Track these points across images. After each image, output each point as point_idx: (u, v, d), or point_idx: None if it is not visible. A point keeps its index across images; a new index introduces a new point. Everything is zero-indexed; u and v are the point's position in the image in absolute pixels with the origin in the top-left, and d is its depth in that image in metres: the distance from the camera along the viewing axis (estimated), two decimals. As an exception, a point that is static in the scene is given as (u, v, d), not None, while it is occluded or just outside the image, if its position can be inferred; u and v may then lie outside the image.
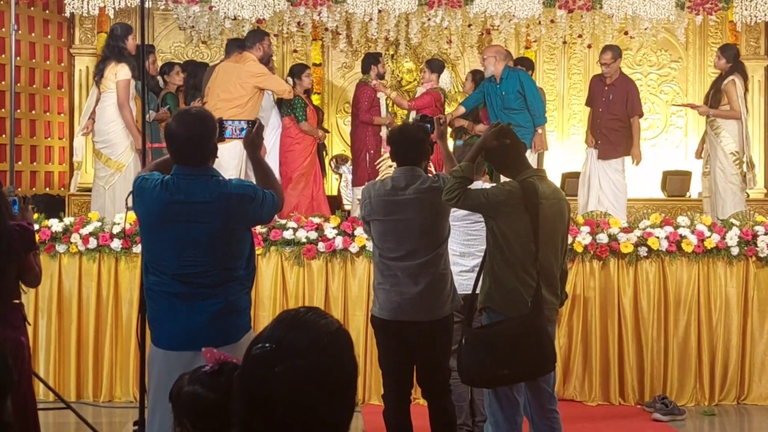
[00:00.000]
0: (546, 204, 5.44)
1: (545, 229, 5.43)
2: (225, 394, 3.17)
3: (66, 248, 8.18)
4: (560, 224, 5.56)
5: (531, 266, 5.42)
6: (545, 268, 5.46)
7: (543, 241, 5.42)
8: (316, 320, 2.05)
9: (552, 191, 5.57)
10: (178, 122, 4.81)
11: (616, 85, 10.52)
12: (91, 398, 8.20)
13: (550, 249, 5.48)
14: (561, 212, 5.57)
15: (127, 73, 9.29)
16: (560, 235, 5.58)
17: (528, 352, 5.31)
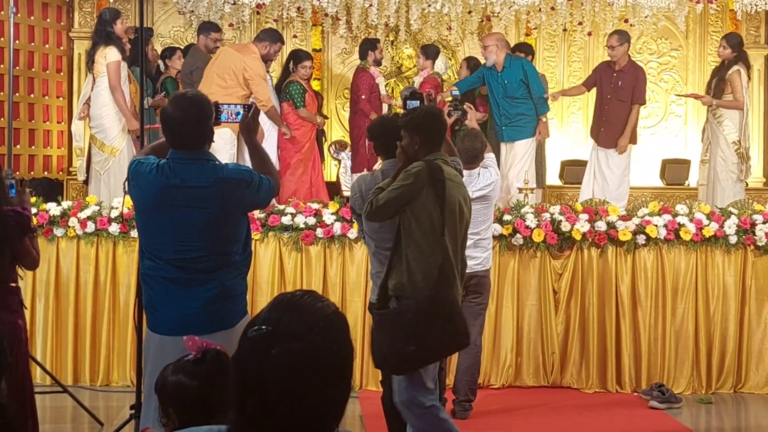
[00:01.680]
0: (450, 185, 5.42)
1: (451, 208, 5.41)
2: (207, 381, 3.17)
3: (64, 232, 8.17)
4: (465, 209, 5.53)
5: (439, 242, 5.38)
6: (451, 249, 5.43)
7: (449, 220, 5.41)
8: (312, 303, 2.05)
9: (455, 175, 5.56)
10: (175, 106, 4.79)
11: (625, 71, 10.43)
12: (88, 382, 8.21)
13: (457, 230, 5.47)
14: (465, 197, 5.56)
15: (115, 54, 9.29)
16: (464, 220, 5.54)
17: (437, 326, 5.24)
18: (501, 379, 8.23)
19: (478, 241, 7.14)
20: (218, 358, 3.25)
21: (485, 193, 7.15)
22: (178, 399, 3.27)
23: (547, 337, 8.25)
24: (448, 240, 5.40)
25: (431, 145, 5.54)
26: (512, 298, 8.23)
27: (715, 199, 10.07)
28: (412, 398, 5.45)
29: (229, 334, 4.50)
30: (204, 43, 10.51)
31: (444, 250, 5.38)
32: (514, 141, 10.23)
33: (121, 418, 6.82)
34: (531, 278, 8.24)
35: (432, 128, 5.58)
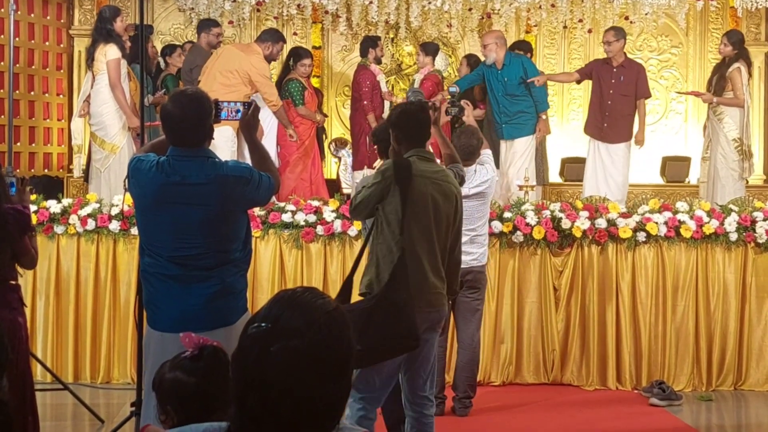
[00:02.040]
0: (422, 182, 5.34)
1: (421, 205, 5.34)
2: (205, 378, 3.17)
3: (64, 229, 8.17)
4: (444, 205, 5.41)
5: (398, 242, 5.32)
6: (423, 247, 5.35)
7: (419, 217, 5.33)
8: (312, 300, 2.04)
9: (434, 172, 5.45)
10: (174, 103, 4.78)
11: (625, 66, 10.41)
12: (89, 380, 8.21)
13: (430, 228, 5.37)
14: (444, 193, 5.42)
15: (116, 52, 9.29)
16: (444, 217, 5.41)
17: (381, 327, 5.12)
18: (501, 376, 8.24)
19: (474, 237, 7.16)
20: (215, 355, 3.25)
21: (482, 189, 7.15)
22: (176, 396, 3.27)
23: (547, 335, 8.25)
24: (417, 238, 5.33)
25: (409, 142, 5.51)
26: (512, 296, 8.23)
27: (715, 197, 10.07)
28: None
29: (229, 331, 4.50)
30: (206, 40, 10.50)
31: (401, 250, 5.29)
32: (514, 139, 10.24)
33: (122, 415, 6.82)
34: (531, 275, 8.24)
35: (406, 125, 5.53)
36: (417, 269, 5.32)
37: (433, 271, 5.39)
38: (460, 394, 7.40)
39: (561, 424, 7.35)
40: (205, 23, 10.73)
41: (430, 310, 5.40)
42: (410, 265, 5.29)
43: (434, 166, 5.52)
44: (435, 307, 5.43)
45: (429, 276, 5.37)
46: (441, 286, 5.45)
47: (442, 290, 5.46)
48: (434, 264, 5.40)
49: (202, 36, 10.57)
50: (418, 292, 5.29)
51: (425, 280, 5.35)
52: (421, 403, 5.50)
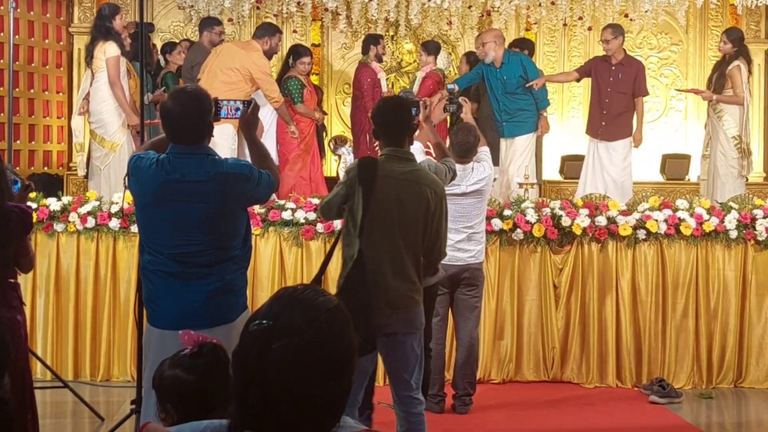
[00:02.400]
0: (387, 182, 5.28)
1: (384, 207, 5.27)
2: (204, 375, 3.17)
3: (64, 227, 8.16)
4: (412, 206, 5.31)
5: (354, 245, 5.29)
6: (385, 249, 5.29)
7: (381, 220, 5.26)
8: (313, 297, 2.04)
9: (405, 172, 5.34)
10: (174, 100, 4.79)
11: (624, 64, 10.35)
12: (89, 377, 8.21)
13: (393, 230, 5.30)
14: (413, 194, 5.32)
15: (115, 50, 9.28)
16: (412, 218, 5.31)
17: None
18: (501, 374, 8.24)
19: (472, 234, 7.17)
20: (215, 352, 3.25)
21: (479, 187, 7.15)
22: (176, 393, 3.27)
23: (547, 332, 8.25)
24: (379, 240, 5.27)
25: (386, 138, 5.47)
26: (512, 293, 8.23)
27: (715, 194, 10.06)
28: None
29: (229, 328, 4.51)
30: (209, 38, 10.49)
31: (358, 252, 5.24)
32: (515, 137, 10.23)
33: (122, 413, 6.83)
34: (531, 273, 8.24)
35: (383, 120, 5.49)
36: (377, 271, 5.25)
37: (395, 273, 5.30)
38: (459, 392, 7.40)
39: (561, 422, 7.35)
40: (207, 21, 10.73)
41: (393, 312, 5.31)
42: (370, 267, 5.22)
43: (407, 165, 5.40)
44: (399, 308, 5.31)
45: (390, 278, 5.28)
46: (407, 287, 5.34)
47: (408, 292, 5.35)
48: (398, 266, 5.30)
49: (205, 34, 10.57)
50: (378, 294, 5.21)
51: (385, 282, 5.25)
52: (407, 403, 5.46)
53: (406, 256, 5.32)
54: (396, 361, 5.44)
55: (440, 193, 5.45)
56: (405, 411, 5.48)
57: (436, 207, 5.38)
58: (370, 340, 5.14)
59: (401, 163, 5.39)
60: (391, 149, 5.44)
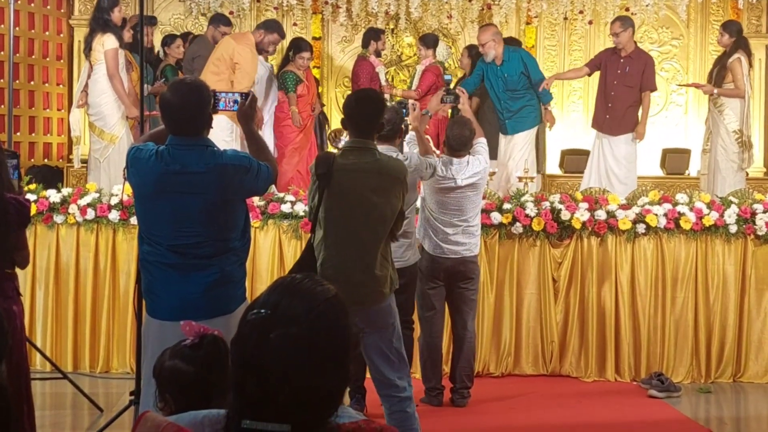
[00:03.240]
0: (345, 175, 5.29)
1: (341, 200, 5.30)
2: (204, 366, 3.17)
3: (64, 219, 8.17)
4: (374, 197, 5.29)
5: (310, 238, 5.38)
6: (347, 242, 5.31)
7: (341, 213, 5.30)
8: (312, 287, 2.04)
9: (365, 163, 5.33)
10: (174, 92, 4.79)
11: (632, 57, 10.24)
12: (88, 369, 8.21)
13: (354, 222, 5.31)
14: (375, 186, 5.31)
15: (113, 42, 9.28)
16: (377, 210, 5.31)
17: None
18: (500, 368, 8.24)
19: (466, 227, 7.18)
20: (215, 343, 3.25)
21: (474, 181, 7.15)
22: (175, 384, 3.27)
23: (546, 326, 8.25)
24: (339, 233, 5.30)
25: (352, 130, 5.50)
26: (512, 287, 8.23)
27: (715, 189, 10.05)
28: None
29: (228, 319, 4.51)
30: (212, 34, 10.53)
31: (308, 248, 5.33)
32: (514, 134, 10.18)
33: (121, 404, 6.83)
34: (530, 267, 8.24)
35: (349, 112, 5.50)
36: (338, 265, 5.28)
37: (359, 268, 5.30)
38: (457, 385, 7.41)
39: (559, 416, 7.35)
40: (217, 18, 10.81)
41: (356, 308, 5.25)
42: (329, 263, 5.28)
43: (367, 156, 5.37)
44: (363, 305, 5.24)
45: (354, 274, 5.27)
46: (373, 283, 5.32)
47: (374, 286, 5.33)
48: (361, 260, 5.30)
49: (210, 29, 10.57)
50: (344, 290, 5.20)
51: (348, 278, 5.22)
52: (387, 394, 5.47)
53: (370, 248, 5.31)
54: (369, 357, 5.45)
55: (400, 176, 5.42)
56: (388, 407, 5.49)
57: (396, 191, 5.36)
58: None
59: (360, 154, 5.38)
60: (350, 141, 5.48)
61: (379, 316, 5.38)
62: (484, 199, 7.82)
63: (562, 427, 7.14)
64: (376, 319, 5.36)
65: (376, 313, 5.36)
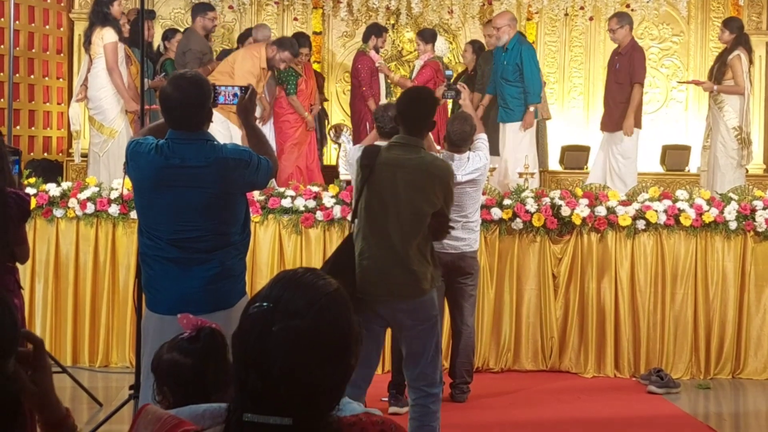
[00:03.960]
0: (387, 169, 5.36)
1: (381, 194, 5.37)
2: (201, 359, 3.17)
3: (63, 213, 8.16)
4: (412, 194, 5.35)
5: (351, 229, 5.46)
6: (384, 235, 5.36)
7: (381, 206, 5.36)
8: (314, 281, 2.04)
9: (406, 159, 5.38)
10: (174, 86, 4.79)
11: (623, 54, 10.29)
12: (87, 363, 8.21)
13: (393, 217, 5.36)
14: (413, 183, 5.36)
15: (112, 36, 9.27)
16: (413, 205, 5.35)
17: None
18: (500, 363, 8.24)
19: (466, 223, 7.17)
20: (212, 337, 3.25)
21: (474, 177, 7.14)
22: (173, 377, 3.27)
23: (546, 322, 8.25)
24: (378, 226, 5.37)
25: (403, 127, 5.54)
26: (511, 283, 8.23)
27: (715, 185, 10.05)
28: None
29: (228, 313, 4.52)
30: (202, 24, 10.43)
31: (347, 239, 5.40)
32: (506, 123, 10.19)
33: (120, 398, 6.83)
34: (530, 262, 8.24)
35: (400, 109, 5.59)
36: (375, 257, 5.35)
37: (395, 261, 5.35)
38: (457, 380, 7.41)
39: (559, 411, 7.35)
40: (200, 7, 10.64)
41: (394, 301, 5.40)
42: (366, 254, 5.35)
43: (411, 153, 5.43)
44: (400, 297, 5.36)
45: (389, 266, 5.34)
46: (408, 277, 5.37)
47: (410, 280, 5.38)
48: (398, 254, 5.35)
49: (198, 20, 10.49)
50: (376, 283, 5.33)
51: (384, 270, 5.32)
52: (416, 387, 5.52)
53: (404, 242, 5.35)
54: (405, 350, 5.53)
55: (442, 176, 5.46)
56: (413, 399, 5.57)
57: (436, 190, 5.40)
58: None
59: (405, 150, 5.43)
60: (398, 137, 5.52)
61: (418, 310, 5.44)
62: (485, 194, 7.82)
63: (561, 422, 7.15)
64: (415, 313, 5.44)
65: (416, 306, 5.43)
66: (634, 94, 10.17)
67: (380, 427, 2.07)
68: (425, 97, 5.70)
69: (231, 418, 2.02)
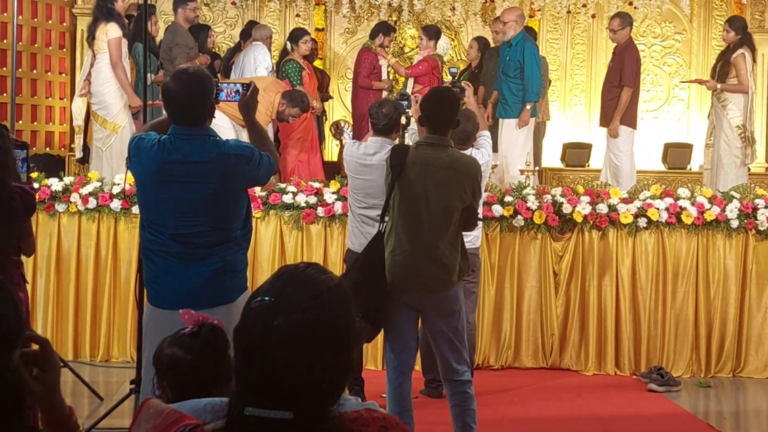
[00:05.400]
0: (416, 168, 5.49)
1: (411, 192, 5.49)
2: (201, 354, 3.17)
3: (65, 208, 8.17)
4: (441, 192, 5.48)
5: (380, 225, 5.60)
6: (413, 231, 5.49)
7: (409, 204, 5.49)
8: (315, 275, 2.05)
9: (436, 158, 5.52)
10: (176, 82, 4.79)
11: (616, 54, 10.48)
12: (89, 358, 8.22)
13: (420, 213, 5.48)
14: (442, 180, 5.49)
15: (117, 31, 9.27)
16: (442, 202, 5.48)
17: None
18: (500, 360, 8.25)
19: None
20: (213, 332, 3.25)
21: None
22: (173, 371, 3.28)
23: (546, 319, 8.26)
24: (407, 222, 5.49)
25: (428, 126, 5.66)
26: (512, 280, 8.23)
27: (717, 184, 10.05)
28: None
29: (229, 308, 4.54)
30: (184, 15, 10.35)
31: (376, 237, 5.55)
32: (503, 119, 10.21)
33: (121, 393, 6.84)
34: (531, 260, 8.24)
35: (426, 108, 5.70)
36: (407, 253, 5.48)
37: (425, 256, 5.48)
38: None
39: (559, 409, 7.36)
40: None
41: (423, 295, 5.53)
42: (398, 250, 5.49)
43: (440, 151, 5.56)
44: (429, 291, 5.52)
45: (421, 262, 5.48)
46: (439, 271, 5.50)
47: (440, 274, 5.51)
48: (428, 249, 5.47)
49: (179, 12, 10.39)
50: (408, 277, 5.48)
51: (416, 266, 5.47)
52: (450, 379, 5.68)
53: (436, 237, 5.48)
54: (434, 341, 5.70)
55: (471, 172, 5.58)
56: (450, 389, 5.73)
57: (465, 186, 5.52)
58: (371, 319, 5.39)
59: (434, 149, 5.56)
60: (425, 137, 5.66)
61: (446, 303, 5.58)
62: (486, 191, 7.82)
63: (561, 420, 7.15)
64: (444, 306, 5.58)
65: (444, 299, 5.57)
66: (622, 97, 10.32)
67: (381, 423, 2.08)
68: (449, 98, 5.81)
69: (232, 412, 2.03)
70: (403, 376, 5.64)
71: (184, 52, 9.98)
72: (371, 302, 5.37)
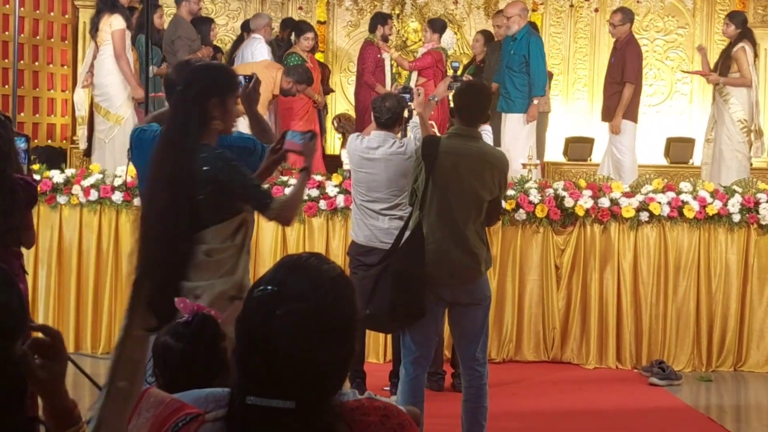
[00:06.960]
0: (449, 158, 5.53)
1: (444, 182, 5.53)
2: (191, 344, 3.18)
3: (67, 200, 8.17)
4: (473, 180, 5.55)
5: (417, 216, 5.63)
6: (446, 222, 5.55)
7: (442, 194, 5.53)
8: (318, 265, 2.05)
9: (466, 148, 5.60)
10: (179, 74, 4.78)
11: (618, 49, 10.47)
12: (90, 350, 8.23)
13: (455, 203, 5.55)
14: (473, 171, 5.57)
15: (120, 23, 9.26)
16: (472, 192, 5.57)
17: (384, 295, 5.48)
18: (502, 354, 8.25)
19: None
20: (204, 323, 3.25)
21: None
22: (162, 359, 3.29)
23: (548, 313, 8.26)
24: (440, 213, 5.54)
25: (459, 118, 5.74)
26: (514, 273, 8.24)
27: (720, 178, 10.04)
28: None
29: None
30: (188, 8, 10.35)
31: (416, 223, 5.57)
32: (506, 113, 10.19)
33: (122, 385, 6.83)
34: (533, 253, 8.24)
35: (457, 101, 5.79)
36: (440, 243, 5.53)
37: (457, 245, 5.54)
38: (458, 370, 7.39)
39: (560, 402, 7.37)
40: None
41: (455, 283, 5.58)
42: (430, 239, 5.53)
43: (470, 143, 5.64)
44: (461, 280, 5.59)
45: (452, 250, 5.53)
46: (468, 259, 5.57)
47: (470, 263, 5.58)
48: (459, 238, 5.55)
49: (182, 4, 10.39)
50: (442, 265, 5.52)
51: (448, 254, 5.52)
52: (470, 367, 5.76)
53: (467, 228, 5.56)
54: (460, 331, 5.76)
55: (499, 164, 5.67)
56: (469, 375, 5.79)
57: (494, 177, 5.60)
58: (417, 307, 5.50)
59: (464, 140, 5.64)
60: (455, 128, 5.74)
61: (476, 292, 5.65)
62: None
63: (563, 413, 7.16)
64: (473, 295, 5.64)
65: (474, 288, 5.64)
66: (624, 93, 10.33)
67: (383, 412, 2.08)
68: (484, 92, 5.88)
69: (234, 402, 2.03)
70: (420, 369, 5.70)
71: (186, 44, 9.98)
72: (413, 290, 5.46)
